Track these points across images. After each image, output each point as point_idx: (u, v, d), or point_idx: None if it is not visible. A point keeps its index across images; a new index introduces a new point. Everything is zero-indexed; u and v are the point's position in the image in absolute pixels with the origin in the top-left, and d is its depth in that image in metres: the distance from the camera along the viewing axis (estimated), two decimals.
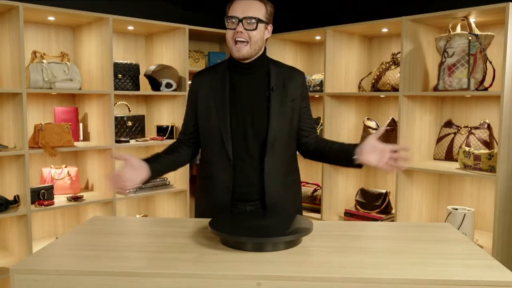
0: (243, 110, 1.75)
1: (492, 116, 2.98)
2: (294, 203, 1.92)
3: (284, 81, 1.79)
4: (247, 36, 1.67)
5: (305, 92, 1.86)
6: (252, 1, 1.68)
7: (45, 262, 1.40)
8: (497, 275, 1.31)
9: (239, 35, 1.66)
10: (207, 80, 1.80)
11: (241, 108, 1.75)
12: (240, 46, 1.67)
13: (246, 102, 1.75)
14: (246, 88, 1.76)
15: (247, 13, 1.65)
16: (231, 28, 1.68)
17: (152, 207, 3.74)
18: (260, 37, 1.71)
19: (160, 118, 3.60)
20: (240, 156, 1.76)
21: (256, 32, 1.68)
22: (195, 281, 1.32)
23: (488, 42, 2.70)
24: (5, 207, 2.65)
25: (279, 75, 1.79)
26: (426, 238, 1.67)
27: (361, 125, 3.57)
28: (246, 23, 1.66)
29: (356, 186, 3.64)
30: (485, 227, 3.02)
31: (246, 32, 1.66)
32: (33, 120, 3.10)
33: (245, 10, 1.66)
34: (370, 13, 3.62)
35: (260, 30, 1.69)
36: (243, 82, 1.77)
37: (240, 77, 1.77)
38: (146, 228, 1.78)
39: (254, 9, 1.67)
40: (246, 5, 1.66)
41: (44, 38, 3.14)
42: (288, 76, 1.81)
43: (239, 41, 1.68)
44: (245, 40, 1.67)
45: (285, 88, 1.78)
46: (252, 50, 1.70)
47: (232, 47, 1.69)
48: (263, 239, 1.45)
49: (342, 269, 1.35)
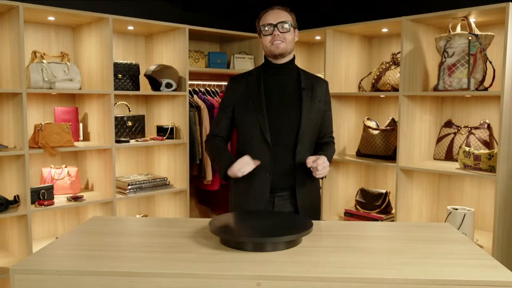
0: (277, 104, 1.98)
1: (492, 116, 2.98)
2: (317, 196, 2.13)
3: (312, 84, 2.04)
4: (282, 37, 1.94)
5: (328, 98, 2.11)
6: (281, 10, 1.97)
7: (45, 262, 1.40)
8: (497, 275, 1.31)
9: (276, 37, 1.93)
10: (243, 81, 2.05)
11: (275, 102, 1.98)
12: (279, 43, 1.93)
13: (279, 97, 1.99)
14: (278, 86, 2.01)
15: (279, 19, 1.94)
16: (268, 34, 1.95)
17: (152, 207, 3.74)
18: (292, 39, 1.98)
19: (160, 118, 3.60)
20: (277, 144, 1.98)
21: (289, 34, 1.96)
22: (195, 281, 1.32)
23: (488, 42, 2.70)
24: (5, 207, 2.65)
25: (307, 79, 2.06)
26: (426, 238, 1.67)
27: (361, 125, 3.57)
28: (280, 27, 1.93)
29: (356, 186, 3.64)
30: (485, 227, 3.02)
31: (282, 35, 1.94)
32: (33, 120, 3.10)
33: (277, 17, 1.94)
34: (370, 13, 3.62)
35: (291, 33, 1.97)
36: (276, 81, 2.02)
37: (273, 77, 2.02)
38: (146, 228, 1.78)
39: (284, 16, 1.96)
40: (277, 14, 1.95)
41: (44, 38, 3.14)
42: (315, 81, 2.07)
43: (277, 40, 1.94)
44: (281, 41, 1.94)
45: (313, 90, 2.03)
46: (288, 48, 1.96)
47: (270, 46, 1.95)
48: (263, 239, 1.45)
49: (342, 269, 1.35)
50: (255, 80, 2.02)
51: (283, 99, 1.98)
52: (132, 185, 3.19)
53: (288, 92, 2.00)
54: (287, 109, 1.98)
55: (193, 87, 3.75)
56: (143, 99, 3.68)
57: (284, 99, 1.98)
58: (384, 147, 3.21)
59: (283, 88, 2.00)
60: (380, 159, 3.23)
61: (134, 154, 3.65)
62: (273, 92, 1.99)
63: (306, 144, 2.01)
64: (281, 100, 1.98)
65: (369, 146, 3.30)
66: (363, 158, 3.31)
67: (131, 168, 3.64)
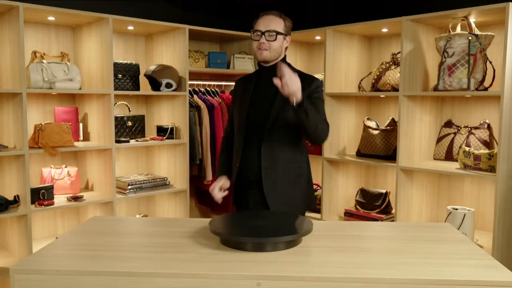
0: (258, 103, 2.13)
1: (492, 116, 2.98)
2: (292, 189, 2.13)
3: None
4: (268, 45, 2.06)
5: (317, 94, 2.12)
6: (273, 17, 2.07)
7: (45, 262, 1.40)
8: (497, 275, 1.31)
9: (262, 45, 2.06)
10: (242, 83, 2.25)
11: (258, 101, 2.13)
12: (262, 51, 2.07)
13: (261, 97, 2.14)
14: (266, 87, 2.12)
15: (268, 27, 2.05)
16: (256, 40, 2.07)
17: (152, 207, 3.74)
18: (279, 46, 2.09)
19: (160, 118, 3.60)
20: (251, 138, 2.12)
21: (275, 42, 2.06)
22: (195, 281, 1.32)
23: (488, 42, 2.70)
24: (5, 207, 2.65)
25: None
26: (426, 238, 1.67)
27: (361, 125, 3.57)
28: (268, 35, 2.05)
29: (356, 186, 3.64)
30: (485, 227, 3.02)
31: (268, 43, 2.05)
32: (33, 120, 3.10)
33: (267, 24, 2.05)
34: (370, 13, 3.62)
35: (279, 41, 2.08)
36: (264, 82, 2.13)
37: (263, 79, 2.15)
38: (146, 228, 1.78)
39: (274, 24, 2.06)
40: (268, 21, 2.06)
41: (44, 38, 3.14)
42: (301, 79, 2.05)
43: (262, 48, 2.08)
44: (266, 48, 2.06)
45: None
46: (272, 56, 2.09)
47: (256, 52, 2.10)
48: (263, 239, 1.45)
49: (342, 269, 1.35)
50: (249, 81, 2.20)
51: (265, 98, 2.12)
52: (132, 185, 3.19)
53: (270, 92, 2.10)
54: (263, 106, 2.12)
55: (193, 87, 3.75)
56: (143, 99, 3.68)
57: (265, 99, 2.12)
58: (384, 147, 3.21)
59: (268, 88, 2.11)
60: (380, 159, 3.23)
61: (134, 154, 3.65)
62: (259, 92, 2.15)
63: (277, 139, 2.08)
64: (263, 99, 2.13)
65: (369, 146, 3.30)
66: (363, 158, 3.31)
67: (131, 168, 3.64)
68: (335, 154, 3.46)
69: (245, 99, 2.15)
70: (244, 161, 2.13)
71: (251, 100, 2.14)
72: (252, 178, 2.12)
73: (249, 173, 2.12)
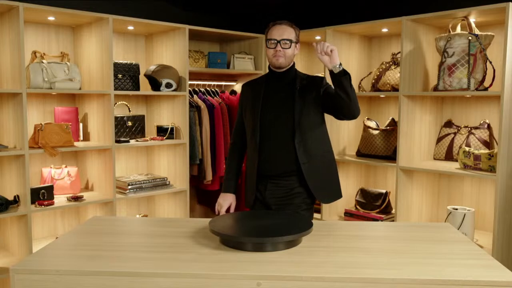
0: (272, 106, 2.23)
1: (492, 116, 2.98)
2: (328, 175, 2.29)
3: (306, 83, 2.26)
4: (283, 53, 2.19)
5: (328, 85, 2.27)
6: (286, 26, 2.20)
7: (45, 262, 1.40)
8: (497, 275, 1.31)
9: (278, 53, 2.18)
10: (250, 87, 2.35)
11: (271, 104, 2.24)
12: (278, 57, 2.19)
13: (275, 100, 2.24)
14: (276, 90, 2.26)
15: (282, 36, 2.18)
16: (271, 48, 2.19)
17: (152, 207, 3.74)
18: (292, 53, 2.23)
19: (160, 118, 3.60)
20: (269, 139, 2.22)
21: (289, 50, 2.20)
22: (195, 281, 1.32)
23: (488, 42, 2.70)
24: (5, 207, 2.65)
25: (302, 80, 2.28)
26: (426, 238, 1.67)
27: (361, 125, 3.57)
28: (283, 43, 2.17)
29: (356, 186, 3.64)
30: (485, 227, 3.02)
31: (283, 50, 2.18)
32: (33, 120, 3.10)
33: (281, 34, 2.18)
34: (370, 13, 3.62)
35: (292, 48, 2.21)
36: (275, 87, 2.27)
37: (274, 83, 2.28)
38: (146, 228, 1.78)
39: (287, 33, 2.19)
40: (282, 30, 2.19)
41: (44, 38, 3.14)
42: (310, 80, 2.28)
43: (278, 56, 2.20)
44: (282, 56, 2.19)
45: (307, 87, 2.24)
46: (286, 62, 2.22)
47: (272, 58, 2.21)
48: (263, 239, 1.45)
49: (342, 269, 1.35)
50: (259, 86, 2.31)
51: (279, 101, 2.24)
52: (132, 185, 3.19)
53: (283, 95, 2.24)
54: (282, 108, 2.22)
55: (193, 87, 3.75)
56: (143, 99, 3.68)
57: (279, 101, 2.24)
58: (384, 147, 3.21)
59: (280, 92, 2.25)
60: (380, 159, 3.23)
61: (134, 154, 3.65)
62: (271, 96, 2.26)
63: (308, 135, 2.21)
64: (277, 102, 2.24)
65: (369, 146, 3.30)
66: (363, 158, 3.31)
67: (131, 168, 3.64)
68: (335, 154, 3.46)
69: (257, 103, 2.25)
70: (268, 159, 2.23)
71: (265, 103, 2.25)
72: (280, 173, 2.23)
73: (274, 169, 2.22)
